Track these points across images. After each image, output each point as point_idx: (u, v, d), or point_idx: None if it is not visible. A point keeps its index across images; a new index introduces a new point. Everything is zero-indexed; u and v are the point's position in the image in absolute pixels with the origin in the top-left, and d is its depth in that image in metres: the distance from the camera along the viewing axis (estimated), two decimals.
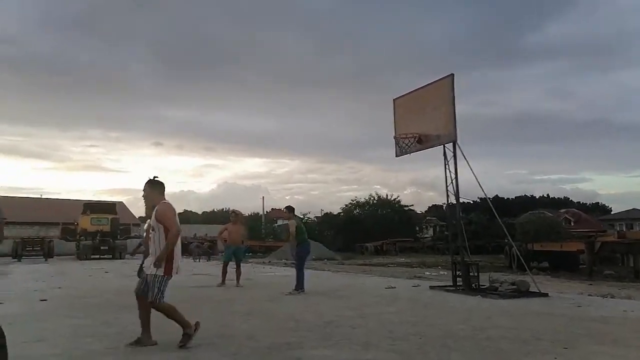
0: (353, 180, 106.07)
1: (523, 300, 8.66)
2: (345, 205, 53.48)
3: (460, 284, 10.21)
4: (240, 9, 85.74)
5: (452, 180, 10.52)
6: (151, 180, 5.15)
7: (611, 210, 65.57)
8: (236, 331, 5.77)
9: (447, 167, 10.60)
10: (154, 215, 4.97)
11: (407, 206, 53.41)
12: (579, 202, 70.16)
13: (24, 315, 6.99)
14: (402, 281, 13.22)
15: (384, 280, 13.57)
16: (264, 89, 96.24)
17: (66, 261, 26.01)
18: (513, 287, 9.63)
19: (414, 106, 11.38)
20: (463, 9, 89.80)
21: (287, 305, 8.22)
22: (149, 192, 5.13)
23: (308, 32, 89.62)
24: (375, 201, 52.30)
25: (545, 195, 72.33)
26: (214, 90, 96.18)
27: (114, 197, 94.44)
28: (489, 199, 11.67)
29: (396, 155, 11.73)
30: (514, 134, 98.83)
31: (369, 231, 44.11)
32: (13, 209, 39.08)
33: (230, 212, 13.08)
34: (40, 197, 47.84)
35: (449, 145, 10.49)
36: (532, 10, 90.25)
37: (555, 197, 72.06)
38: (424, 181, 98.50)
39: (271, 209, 62.32)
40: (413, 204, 59.42)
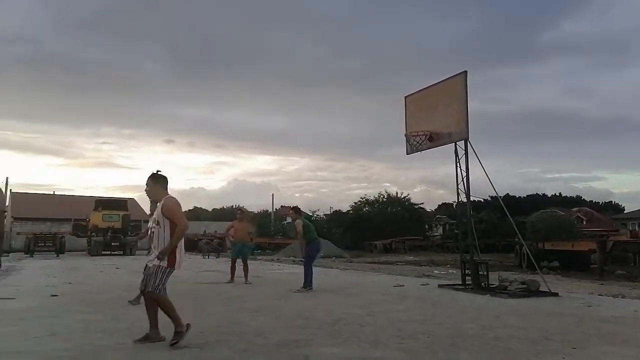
0: (363, 178, 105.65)
1: (533, 300, 8.61)
2: (355, 203, 53.30)
3: (470, 282, 10.17)
4: (253, 10, 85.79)
5: (463, 178, 10.47)
6: (154, 174, 5.10)
7: (624, 209, 64.81)
8: (245, 328, 5.79)
9: (458, 165, 10.56)
10: (159, 209, 4.93)
11: (417, 204, 53.10)
12: (592, 201, 69.30)
13: (35, 310, 7.08)
14: (411, 279, 13.21)
15: (392, 278, 13.55)
16: (275, 88, 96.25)
17: (77, 257, 26.28)
18: (523, 287, 9.57)
19: (425, 104, 11.34)
20: (476, 8, 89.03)
21: (296, 302, 8.24)
22: (152, 187, 5.08)
23: (320, 33, 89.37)
24: (384, 199, 52.08)
25: (557, 194, 71.63)
26: (226, 89, 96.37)
27: (126, 194, 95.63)
28: (500, 197, 11.61)
29: (407, 153, 11.71)
30: (527, 132, 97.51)
31: (378, 229, 43.91)
32: (26, 205, 39.81)
33: (237, 210, 13.15)
34: (53, 194, 48.24)
35: (460, 143, 10.44)
36: (547, 8, 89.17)
37: (568, 196, 71.26)
38: (434, 179, 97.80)
39: (280, 206, 62.36)
40: (423, 202, 58.75)
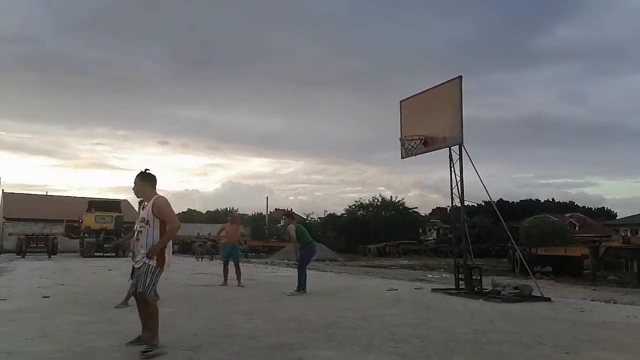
0: (357, 182, 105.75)
1: (526, 305, 8.64)
2: (349, 206, 53.31)
3: (463, 287, 10.19)
4: (253, 10, 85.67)
5: (457, 183, 10.51)
6: (142, 173, 5.03)
7: (616, 216, 65.25)
8: (239, 330, 5.78)
9: (453, 170, 10.59)
10: (150, 208, 4.85)
11: (411, 208, 53.24)
12: (584, 207, 69.80)
13: (27, 312, 7.02)
14: (405, 283, 13.22)
15: (386, 282, 13.57)
16: (271, 90, 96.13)
17: (70, 258, 26.10)
18: (516, 291, 9.61)
19: (421, 108, 11.37)
20: (472, 12, 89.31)
21: (290, 305, 8.23)
22: (140, 185, 5.03)
23: (320, 33, 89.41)
24: (379, 203, 52.16)
25: (550, 200, 72.11)
26: (225, 90, 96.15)
27: (119, 195, 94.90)
28: (494, 202, 11.65)
29: (402, 157, 11.73)
30: (521, 138, 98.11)
31: (372, 233, 43.93)
32: (18, 205, 39.53)
33: (228, 213, 13.13)
34: (45, 194, 47.97)
35: (455, 148, 10.48)
36: (543, 13, 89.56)
37: (561, 202, 71.82)
38: (428, 183, 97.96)
39: (275, 209, 62.34)
40: (417, 206, 59.15)
